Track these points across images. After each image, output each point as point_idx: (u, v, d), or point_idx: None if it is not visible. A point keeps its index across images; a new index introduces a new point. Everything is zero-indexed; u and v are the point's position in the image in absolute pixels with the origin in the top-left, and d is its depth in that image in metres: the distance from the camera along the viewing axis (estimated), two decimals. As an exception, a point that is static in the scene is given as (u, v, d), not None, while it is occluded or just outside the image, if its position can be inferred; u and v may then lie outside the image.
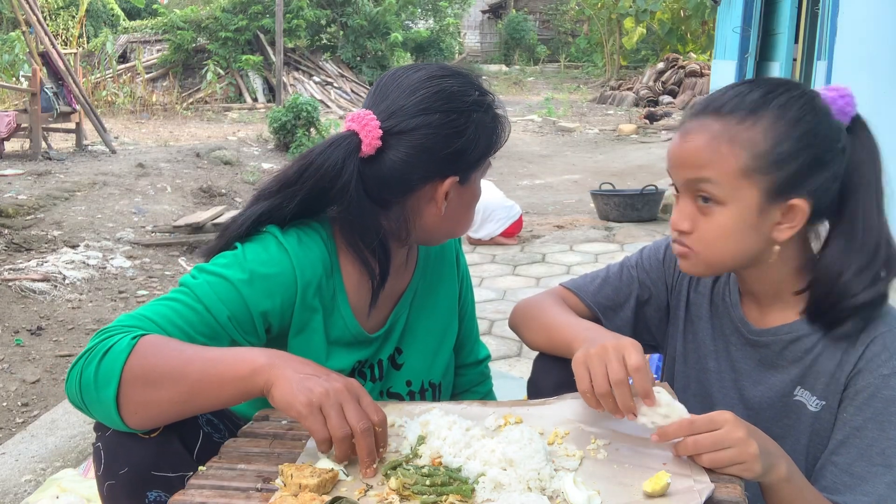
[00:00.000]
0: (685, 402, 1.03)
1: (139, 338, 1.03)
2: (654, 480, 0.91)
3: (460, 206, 1.26)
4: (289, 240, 1.21)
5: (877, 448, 1.06)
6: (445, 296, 1.43)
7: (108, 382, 1.00)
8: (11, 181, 6.39)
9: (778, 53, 7.60)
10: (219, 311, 1.13)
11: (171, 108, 13.75)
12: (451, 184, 1.21)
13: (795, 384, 1.16)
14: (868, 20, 4.19)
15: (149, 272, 4.61)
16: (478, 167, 1.25)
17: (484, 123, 1.22)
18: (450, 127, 1.18)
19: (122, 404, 1.01)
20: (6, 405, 2.88)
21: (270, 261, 1.18)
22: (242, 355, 1.02)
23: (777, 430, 1.15)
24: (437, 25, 20.04)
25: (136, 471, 1.05)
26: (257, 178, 7.30)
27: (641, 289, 1.34)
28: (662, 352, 1.39)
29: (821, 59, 5.36)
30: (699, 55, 17.33)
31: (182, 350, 1.04)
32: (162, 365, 1.01)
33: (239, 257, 1.18)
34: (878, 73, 3.95)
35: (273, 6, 13.50)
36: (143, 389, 1.00)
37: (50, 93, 7.96)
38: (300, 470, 0.94)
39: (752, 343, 1.20)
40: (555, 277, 4.04)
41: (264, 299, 1.16)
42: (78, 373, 1.03)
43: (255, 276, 1.16)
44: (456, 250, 1.48)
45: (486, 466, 0.96)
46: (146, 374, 1.00)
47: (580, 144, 10.48)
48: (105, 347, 1.02)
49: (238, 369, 1.00)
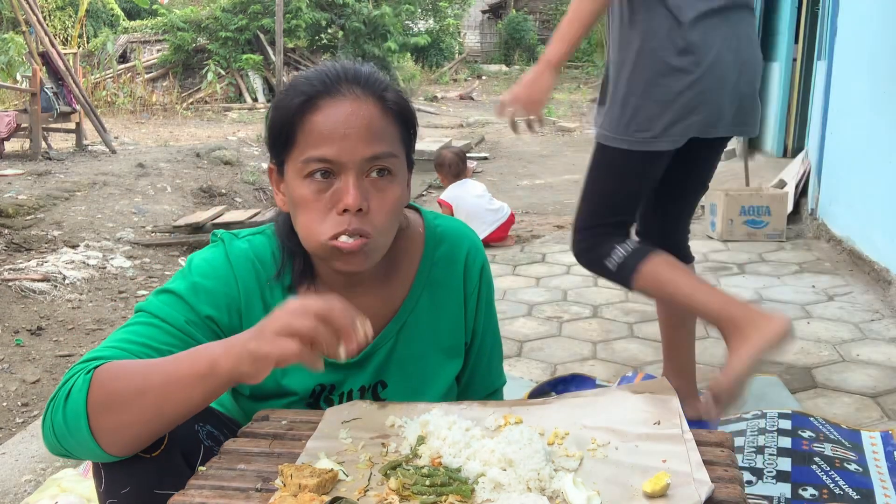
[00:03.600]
0: None
1: (93, 371, 1.00)
2: (654, 480, 0.91)
3: (290, 205, 1.16)
4: (235, 248, 1.21)
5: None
6: (447, 331, 1.30)
7: (77, 422, 0.98)
8: (11, 181, 6.38)
9: (778, 53, 7.59)
10: (175, 319, 1.13)
11: (171, 108, 13.74)
12: (274, 170, 1.19)
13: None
14: (868, 20, 4.19)
15: (149, 272, 4.61)
16: (282, 155, 1.14)
17: (280, 106, 1.13)
18: (269, 108, 1.17)
19: (98, 437, 0.98)
20: (6, 405, 2.88)
21: (213, 272, 1.18)
22: (197, 353, 0.99)
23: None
24: (437, 25, 20.03)
25: (139, 490, 1.03)
26: (257, 178, 7.30)
27: None
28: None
29: (821, 59, 5.36)
30: (699, 55, 17.30)
31: (138, 367, 1.01)
32: (122, 388, 0.98)
33: (184, 271, 1.19)
34: (878, 73, 3.95)
35: (273, 6, 13.49)
36: (111, 416, 0.98)
37: (50, 93, 7.95)
38: (300, 470, 0.94)
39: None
40: (555, 277, 4.04)
41: (208, 307, 1.16)
42: (49, 423, 1.01)
43: (198, 287, 1.17)
44: (479, 283, 1.33)
45: (485, 467, 0.96)
46: (110, 401, 0.98)
47: (580, 144, 10.47)
48: (66, 391, 1.00)
49: (197, 368, 0.97)
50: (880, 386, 2.59)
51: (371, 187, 1.11)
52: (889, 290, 3.53)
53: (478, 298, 1.33)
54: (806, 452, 2.01)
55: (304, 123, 1.10)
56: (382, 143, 1.11)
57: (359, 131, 1.09)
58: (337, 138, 1.08)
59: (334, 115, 1.09)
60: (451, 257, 1.30)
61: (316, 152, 1.09)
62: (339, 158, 1.08)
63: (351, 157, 1.09)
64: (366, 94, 1.11)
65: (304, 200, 1.11)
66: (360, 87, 1.12)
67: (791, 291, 3.68)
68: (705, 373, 2.76)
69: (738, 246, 4.60)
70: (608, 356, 2.95)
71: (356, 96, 1.11)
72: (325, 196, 1.10)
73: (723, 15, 1.93)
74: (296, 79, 1.15)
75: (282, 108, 1.12)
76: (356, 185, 1.08)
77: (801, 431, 2.12)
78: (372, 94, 1.12)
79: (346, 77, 1.12)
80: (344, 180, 1.09)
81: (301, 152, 1.10)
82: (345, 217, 1.08)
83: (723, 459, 1.01)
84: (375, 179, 1.11)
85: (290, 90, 1.13)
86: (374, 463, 1.01)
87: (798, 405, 2.40)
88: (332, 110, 1.09)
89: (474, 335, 1.35)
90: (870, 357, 2.85)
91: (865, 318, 3.28)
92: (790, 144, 7.35)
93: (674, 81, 1.86)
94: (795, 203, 5.19)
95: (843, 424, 2.23)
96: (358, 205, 1.08)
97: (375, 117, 1.11)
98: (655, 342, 3.08)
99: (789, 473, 1.92)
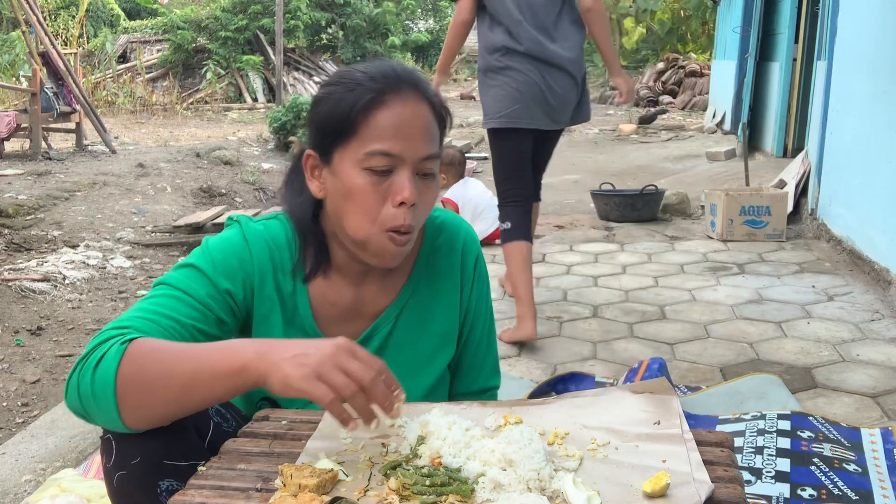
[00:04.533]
0: None
1: (129, 342, 1.03)
2: (654, 480, 0.91)
3: (335, 193, 1.19)
4: (251, 229, 1.26)
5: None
6: (440, 318, 1.35)
7: (104, 390, 1.01)
8: (11, 181, 6.38)
9: (778, 53, 7.59)
10: (197, 293, 1.17)
11: (171, 108, 13.74)
12: (313, 157, 1.22)
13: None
14: (868, 20, 4.19)
15: (149, 272, 4.61)
16: (334, 145, 1.17)
17: (342, 99, 1.15)
18: (315, 99, 1.22)
19: (122, 409, 1.01)
20: (6, 405, 2.88)
21: (230, 249, 1.23)
22: (231, 350, 1.01)
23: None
24: (438, 25, 20.03)
25: (149, 460, 1.06)
26: (257, 178, 7.30)
27: None
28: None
29: (821, 59, 5.36)
30: (699, 55, 17.33)
31: (171, 350, 1.04)
32: (152, 368, 1.01)
33: (202, 248, 1.24)
34: (878, 73, 3.95)
35: (273, 6, 13.49)
36: (138, 393, 1.01)
37: (50, 93, 7.95)
38: (300, 470, 0.94)
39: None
40: (555, 277, 4.04)
41: (225, 280, 1.20)
42: (76, 384, 1.03)
43: (217, 262, 1.21)
44: (474, 274, 1.39)
45: (485, 467, 0.96)
46: (139, 379, 1.00)
47: (580, 144, 10.48)
48: (97, 357, 1.02)
49: (228, 365, 0.99)
50: (880, 386, 2.59)
51: (420, 184, 1.18)
52: (889, 290, 3.53)
53: (472, 287, 1.39)
54: (805, 453, 2.01)
55: (368, 118, 1.14)
56: (434, 144, 1.19)
57: (419, 131, 1.16)
58: (401, 135, 1.14)
59: (400, 113, 1.14)
60: (448, 247, 1.36)
61: (380, 146, 1.13)
62: (401, 154, 1.14)
63: (412, 154, 1.15)
64: (421, 97, 1.18)
65: (359, 190, 1.15)
66: (418, 90, 1.18)
67: (791, 291, 3.68)
68: (705, 373, 2.76)
69: (738, 246, 4.60)
70: (608, 356, 2.95)
71: (417, 97, 1.17)
72: (381, 188, 1.15)
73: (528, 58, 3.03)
74: (350, 73, 1.19)
75: (342, 101, 1.15)
76: (412, 181, 1.15)
77: (801, 432, 2.12)
78: (425, 97, 1.19)
79: (407, 78, 1.18)
80: (401, 175, 1.15)
81: (362, 145, 1.14)
82: (400, 210, 1.15)
83: (723, 459, 1.01)
84: (422, 178, 1.18)
85: (350, 84, 1.16)
86: (374, 463, 1.01)
87: (798, 405, 2.40)
88: (398, 108, 1.15)
89: (465, 322, 1.40)
90: (870, 357, 2.85)
91: (865, 318, 3.28)
92: (790, 144, 7.35)
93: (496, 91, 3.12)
94: (795, 203, 5.19)
95: (842, 423, 2.23)
96: (414, 199, 1.15)
97: (430, 119, 1.18)
98: (655, 342, 3.08)
99: (788, 474, 1.92)
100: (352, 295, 1.30)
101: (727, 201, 4.68)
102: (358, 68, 1.20)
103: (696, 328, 3.23)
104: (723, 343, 3.05)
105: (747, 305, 3.50)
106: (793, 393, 2.52)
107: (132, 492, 1.08)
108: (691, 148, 9.54)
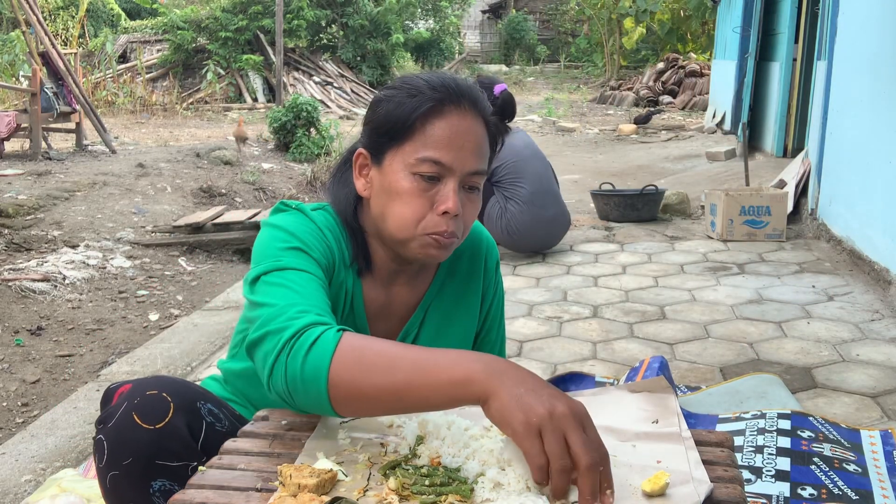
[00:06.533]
0: None
1: (342, 332, 1.01)
2: (654, 480, 0.91)
3: (381, 192, 1.22)
4: (316, 216, 1.26)
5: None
6: (462, 319, 1.39)
7: (316, 378, 0.98)
8: (11, 181, 6.38)
9: (778, 53, 7.60)
10: (317, 272, 1.17)
11: (171, 108, 13.75)
12: (364, 156, 1.24)
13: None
14: (868, 20, 4.19)
15: (149, 272, 4.61)
16: (387, 146, 1.20)
17: (402, 103, 1.18)
18: (375, 100, 1.24)
19: (334, 400, 0.99)
20: (6, 405, 2.88)
21: (310, 231, 1.23)
22: (456, 359, 0.95)
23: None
24: (438, 25, 20.04)
25: (141, 460, 1.06)
26: (257, 178, 7.30)
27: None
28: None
29: (821, 59, 5.36)
30: (699, 55, 17.33)
31: (389, 350, 1.00)
32: (370, 363, 0.98)
33: (281, 231, 1.20)
34: (878, 73, 3.95)
35: (273, 6, 13.49)
36: (352, 388, 0.98)
37: (50, 93, 7.95)
38: (299, 470, 0.94)
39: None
40: (555, 277, 4.04)
41: (322, 258, 1.20)
42: (283, 369, 1.00)
43: (307, 242, 1.20)
44: (495, 280, 1.44)
45: (484, 466, 0.96)
46: (354, 373, 0.97)
47: (580, 144, 10.48)
48: (308, 342, 1.00)
49: (452, 374, 0.94)
50: (880, 386, 2.59)
51: (464, 197, 1.21)
52: (889, 290, 3.53)
53: (493, 292, 1.44)
54: (805, 452, 2.01)
55: (425, 125, 1.17)
56: (483, 160, 1.22)
57: (472, 145, 1.19)
58: (454, 147, 1.17)
59: (457, 126, 1.18)
60: (471, 251, 1.40)
61: (433, 154, 1.16)
62: (451, 165, 1.17)
63: (461, 166, 1.18)
64: (478, 114, 1.21)
65: (406, 193, 1.18)
66: (476, 106, 1.21)
67: (791, 291, 3.68)
68: (705, 372, 2.76)
69: (738, 246, 4.60)
70: (608, 356, 2.95)
71: (474, 113, 1.20)
72: (427, 195, 1.18)
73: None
74: (412, 80, 1.22)
75: (402, 105, 1.18)
76: (457, 192, 1.18)
77: (801, 432, 2.12)
78: (482, 115, 1.22)
79: (468, 93, 1.20)
80: (447, 185, 1.18)
81: (416, 150, 1.17)
82: (443, 218, 1.18)
83: (722, 459, 1.01)
84: (467, 191, 1.21)
85: (412, 91, 1.19)
86: (373, 463, 1.00)
87: (798, 405, 2.40)
88: (455, 120, 1.18)
89: (483, 326, 1.44)
90: (870, 357, 2.85)
91: (865, 318, 3.28)
92: (790, 144, 7.35)
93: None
94: (795, 203, 5.19)
95: (842, 423, 2.23)
96: (457, 211, 1.18)
97: (483, 137, 1.21)
98: (655, 342, 3.08)
99: (788, 473, 1.92)
100: (384, 294, 1.32)
101: (727, 201, 4.68)
102: (420, 76, 1.22)
103: (696, 328, 3.23)
104: (723, 343, 3.05)
105: (747, 305, 3.50)
106: (793, 393, 2.52)
107: (125, 492, 1.08)
108: (691, 148, 9.55)
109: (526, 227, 4.21)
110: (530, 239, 4.35)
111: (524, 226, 4.21)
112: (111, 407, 1.15)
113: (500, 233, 4.20)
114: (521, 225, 4.20)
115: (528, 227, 4.23)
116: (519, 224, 4.20)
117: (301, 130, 8.77)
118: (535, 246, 4.46)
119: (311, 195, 7.02)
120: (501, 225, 4.21)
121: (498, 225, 4.21)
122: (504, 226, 4.21)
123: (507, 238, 4.26)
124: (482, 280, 1.41)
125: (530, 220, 4.21)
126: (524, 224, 4.20)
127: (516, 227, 4.20)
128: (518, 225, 4.20)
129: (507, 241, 4.29)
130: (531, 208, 4.18)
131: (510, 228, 4.21)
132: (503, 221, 4.21)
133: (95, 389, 2.78)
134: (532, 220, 4.21)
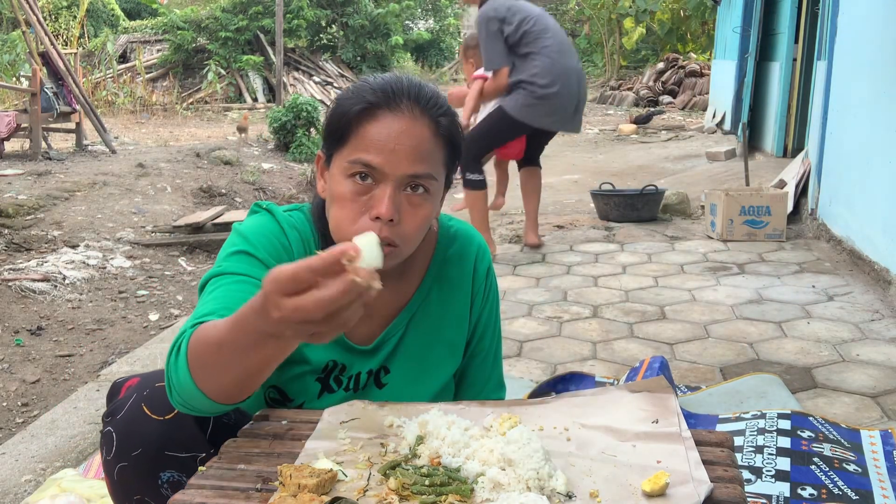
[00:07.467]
0: None
1: (192, 331, 1.02)
2: (654, 480, 0.91)
3: (328, 194, 1.21)
4: (282, 217, 1.27)
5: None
6: (451, 325, 1.36)
7: (185, 379, 0.99)
8: (11, 181, 6.38)
9: (778, 53, 7.60)
10: (256, 273, 1.16)
11: (171, 108, 13.75)
12: (322, 158, 1.25)
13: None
14: (868, 20, 4.19)
15: (149, 272, 4.61)
16: (333, 148, 1.19)
17: (342, 105, 1.19)
18: (332, 101, 1.25)
19: (203, 390, 0.99)
20: (6, 405, 2.88)
21: (270, 232, 1.24)
22: (248, 304, 0.93)
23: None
24: (438, 25, 20.03)
25: (150, 451, 1.07)
26: (257, 178, 7.30)
27: None
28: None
29: (821, 59, 5.36)
30: (699, 55, 17.33)
31: (217, 323, 1.00)
32: (205, 345, 0.99)
33: (240, 235, 1.23)
34: (878, 73, 3.95)
35: (273, 6, 13.49)
36: (206, 371, 0.98)
37: (50, 93, 7.95)
38: (299, 470, 0.94)
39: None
40: (555, 277, 4.04)
41: (273, 261, 1.20)
42: (169, 383, 1.03)
43: (260, 245, 1.21)
44: (486, 285, 1.39)
45: (484, 466, 0.96)
46: (202, 361, 0.98)
47: (580, 144, 10.47)
48: (175, 351, 1.02)
49: (253, 304, 0.89)
50: (880, 386, 2.59)
51: (406, 201, 1.16)
52: (889, 290, 3.53)
53: (483, 298, 1.39)
54: (805, 452, 2.01)
55: (359, 128, 1.16)
56: (425, 164, 1.16)
57: (407, 149, 1.14)
58: (386, 150, 1.14)
59: (388, 128, 1.14)
60: (461, 256, 1.36)
61: (363, 156, 1.14)
62: (382, 168, 1.14)
63: (393, 170, 1.14)
64: (423, 115, 1.17)
65: (342, 197, 1.16)
66: (419, 107, 1.17)
67: (791, 291, 3.68)
68: (705, 372, 2.76)
69: (738, 246, 4.60)
70: (608, 356, 2.95)
71: (413, 116, 1.16)
72: (362, 199, 1.15)
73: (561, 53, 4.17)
74: (363, 82, 1.21)
75: (342, 107, 1.18)
76: (391, 198, 1.14)
77: (801, 432, 2.12)
78: (428, 117, 1.17)
79: (409, 94, 1.17)
80: (382, 189, 1.14)
81: (350, 152, 1.16)
82: (376, 224, 1.13)
83: (723, 459, 1.01)
84: (411, 195, 1.16)
85: (354, 92, 1.19)
86: (373, 463, 1.01)
87: (798, 405, 2.40)
88: (387, 122, 1.15)
89: (475, 333, 1.40)
90: (870, 357, 2.85)
91: (865, 318, 3.28)
92: (790, 144, 7.35)
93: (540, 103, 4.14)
94: (795, 203, 5.19)
95: (842, 423, 2.23)
96: (390, 216, 1.13)
97: (426, 139, 1.16)
98: (655, 342, 3.08)
99: (788, 473, 1.92)
100: None
101: (727, 201, 4.68)
102: (369, 79, 1.21)
103: (696, 328, 3.23)
104: (723, 343, 3.05)
105: (747, 305, 3.50)
106: (793, 393, 2.52)
107: (133, 483, 1.08)
108: (691, 148, 9.54)
109: (558, 77, 4.07)
110: (566, 95, 4.14)
111: (558, 78, 4.07)
112: (119, 400, 1.16)
113: (530, 99, 4.09)
114: (554, 78, 4.06)
115: (561, 78, 4.08)
116: (552, 77, 4.05)
117: (301, 130, 8.77)
118: (568, 105, 4.23)
119: (310, 195, 7.02)
120: (529, 92, 4.07)
121: (528, 91, 4.07)
122: (531, 91, 4.07)
123: (539, 104, 4.12)
124: (471, 286, 1.37)
125: (562, 70, 4.09)
126: (557, 76, 4.07)
127: (549, 81, 4.05)
128: (552, 79, 4.05)
129: (540, 107, 4.13)
130: (561, 58, 4.10)
131: (539, 87, 4.06)
132: (528, 90, 4.08)
133: (95, 389, 2.79)
134: (563, 70, 4.09)
